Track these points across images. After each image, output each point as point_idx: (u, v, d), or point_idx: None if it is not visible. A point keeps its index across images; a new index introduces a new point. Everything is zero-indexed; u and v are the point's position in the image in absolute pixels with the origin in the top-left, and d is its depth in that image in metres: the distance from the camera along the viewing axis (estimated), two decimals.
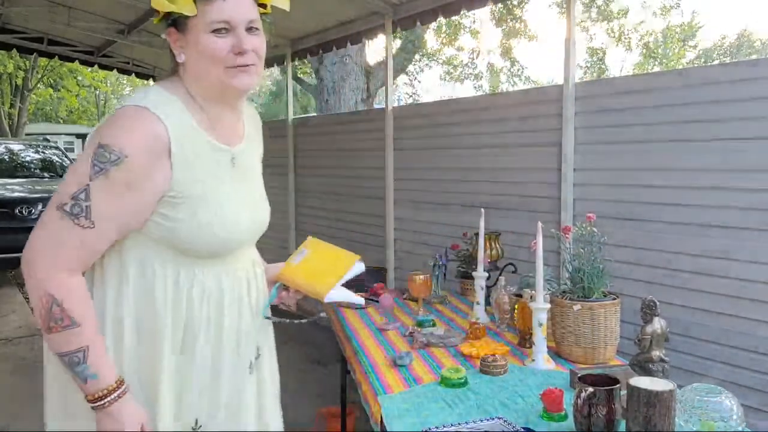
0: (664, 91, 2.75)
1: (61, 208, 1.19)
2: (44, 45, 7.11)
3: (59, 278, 1.20)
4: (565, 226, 2.04)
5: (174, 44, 1.31)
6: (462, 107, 3.93)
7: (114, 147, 1.19)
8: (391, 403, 1.64)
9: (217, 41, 1.27)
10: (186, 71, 1.31)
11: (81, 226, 1.19)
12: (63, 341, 1.20)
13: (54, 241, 1.20)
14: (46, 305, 1.19)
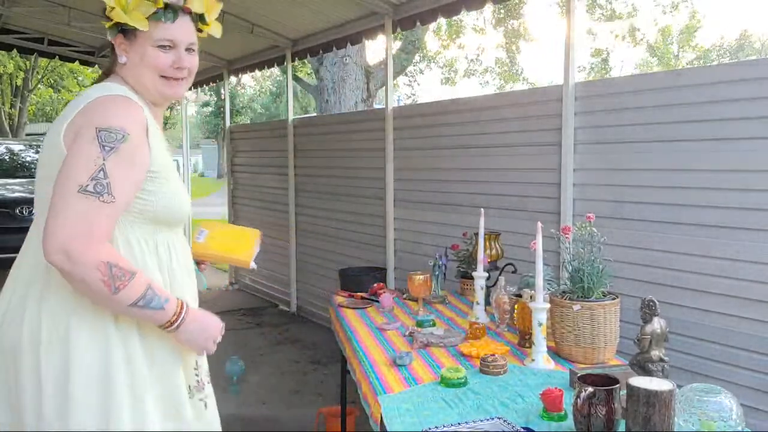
0: (663, 91, 2.75)
1: (83, 190, 1.29)
2: (44, 45, 7.12)
3: (101, 248, 1.30)
4: (564, 226, 2.04)
5: (119, 47, 1.47)
6: (462, 107, 3.93)
7: (116, 127, 1.33)
8: (391, 403, 1.64)
9: (160, 55, 1.47)
10: (127, 73, 1.48)
11: (105, 202, 1.31)
12: (132, 292, 1.32)
13: (85, 222, 1.28)
14: (106, 271, 1.29)
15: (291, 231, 5.89)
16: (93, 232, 1.29)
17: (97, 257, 1.29)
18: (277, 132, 6.13)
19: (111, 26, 1.44)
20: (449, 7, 3.93)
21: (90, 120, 1.34)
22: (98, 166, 1.30)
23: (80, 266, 1.27)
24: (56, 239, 1.27)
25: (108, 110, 1.36)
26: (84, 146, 1.32)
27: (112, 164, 1.31)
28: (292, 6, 4.87)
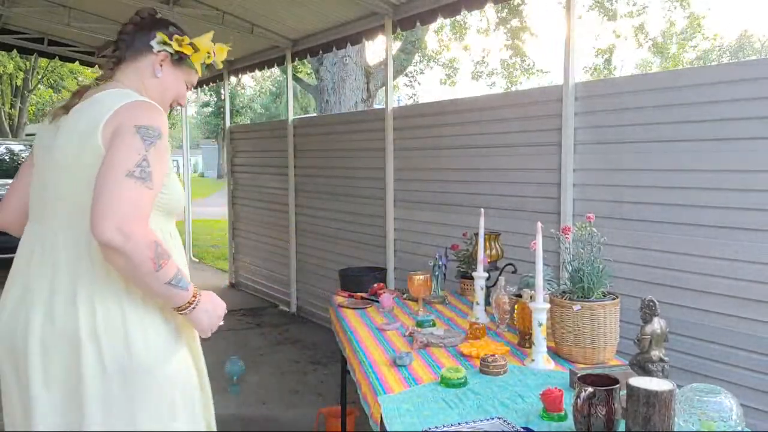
0: (663, 91, 2.75)
1: (131, 175, 1.41)
2: (44, 45, 7.12)
3: (148, 229, 1.43)
4: (564, 227, 2.04)
5: (158, 64, 1.66)
6: (462, 107, 3.93)
7: (153, 126, 1.48)
8: (391, 403, 1.64)
9: (184, 90, 1.75)
10: (141, 81, 1.65)
11: (149, 188, 1.44)
12: (170, 271, 1.44)
13: (136, 204, 1.41)
14: (154, 249, 1.41)
15: (291, 231, 5.89)
16: (143, 214, 1.42)
17: (148, 236, 1.41)
18: (277, 132, 6.13)
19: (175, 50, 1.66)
20: (449, 7, 3.93)
21: (129, 118, 1.46)
22: (142, 156, 1.43)
23: (134, 244, 1.37)
24: (112, 219, 1.36)
25: (144, 112, 1.50)
26: (127, 139, 1.44)
27: (152, 156, 1.45)
28: (292, 6, 4.87)
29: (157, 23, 1.70)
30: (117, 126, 1.46)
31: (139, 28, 1.70)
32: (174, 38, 1.66)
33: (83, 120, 1.50)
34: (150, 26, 1.69)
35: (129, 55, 1.66)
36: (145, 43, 1.66)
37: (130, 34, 1.70)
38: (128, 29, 1.71)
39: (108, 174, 1.40)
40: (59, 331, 1.45)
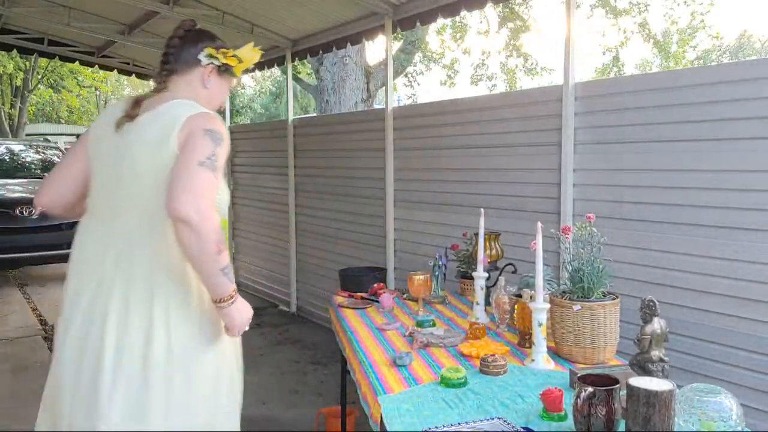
0: (663, 91, 2.75)
1: (203, 164, 1.57)
2: (44, 45, 7.11)
3: (215, 213, 1.57)
4: (564, 227, 2.04)
5: (207, 76, 1.83)
6: (462, 107, 3.93)
7: (218, 130, 1.66)
8: (391, 403, 1.64)
9: (226, 96, 1.98)
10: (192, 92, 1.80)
11: (216, 177, 1.60)
12: (225, 259, 1.57)
13: (207, 189, 1.56)
14: (219, 234, 1.54)
15: (291, 231, 5.89)
16: (212, 198, 1.58)
17: (216, 220, 1.55)
18: (277, 132, 6.12)
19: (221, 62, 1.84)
20: (449, 7, 3.93)
21: (199, 125, 1.64)
22: (212, 150, 1.61)
23: (206, 222, 1.51)
24: (189, 198, 1.51)
25: (210, 120, 1.68)
26: (199, 138, 1.62)
27: (218, 153, 1.63)
28: (292, 6, 4.87)
29: (202, 36, 1.84)
30: (188, 132, 1.63)
31: (184, 41, 1.82)
32: (220, 51, 1.83)
33: (154, 130, 1.66)
34: (195, 39, 1.83)
35: (179, 68, 1.80)
36: (194, 56, 1.80)
37: (177, 48, 1.81)
38: (175, 43, 1.82)
39: (184, 163, 1.57)
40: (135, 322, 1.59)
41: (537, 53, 28.88)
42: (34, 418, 1.74)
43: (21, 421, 3.61)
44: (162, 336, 1.60)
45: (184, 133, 1.63)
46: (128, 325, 1.59)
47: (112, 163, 1.70)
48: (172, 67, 1.79)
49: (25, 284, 7.50)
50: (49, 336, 5.31)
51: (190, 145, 1.60)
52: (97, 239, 1.70)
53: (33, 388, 4.13)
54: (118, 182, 1.69)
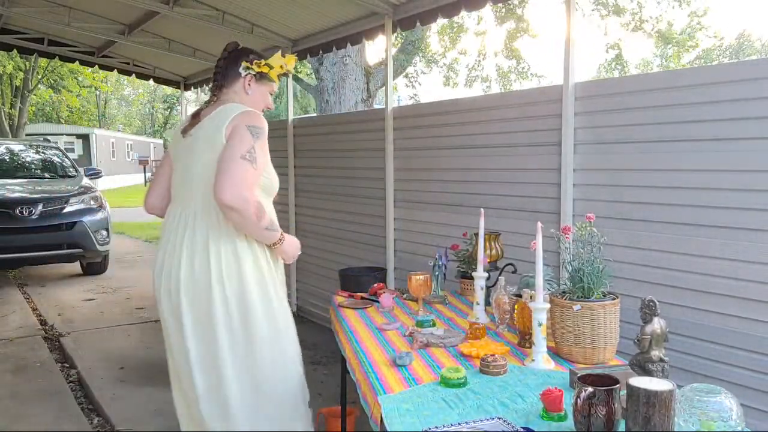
0: (663, 91, 2.75)
1: (244, 157, 2.02)
2: (44, 45, 7.11)
3: (254, 194, 2.07)
4: (564, 226, 2.04)
5: (248, 84, 2.28)
6: (462, 107, 3.93)
7: (258, 126, 2.12)
8: (391, 403, 1.64)
9: (269, 98, 2.37)
10: (240, 99, 2.25)
11: (254, 168, 2.06)
12: (266, 221, 2.11)
13: (247, 177, 2.03)
14: (257, 207, 2.06)
15: (291, 231, 5.89)
16: (250, 184, 2.04)
17: (254, 198, 2.05)
18: (277, 132, 6.12)
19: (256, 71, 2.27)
20: (449, 7, 3.92)
21: (242, 121, 2.10)
22: (251, 145, 2.05)
23: (248, 204, 2.01)
24: (230, 188, 1.98)
25: (252, 117, 2.14)
26: (240, 132, 2.06)
27: (257, 146, 2.08)
28: (292, 6, 4.87)
29: (241, 54, 2.29)
30: (234, 126, 2.08)
31: (228, 60, 2.28)
32: (254, 63, 2.26)
33: (210, 128, 2.12)
34: (236, 57, 2.28)
35: (226, 82, 2.27)
36: (235, 71, 2.26)
37: (223, 66, 2.28)
38: (221, 63, 2.29)
39: (227, 157, 2.01)
40: (197, 275, 2.11)
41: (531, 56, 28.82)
42: (34, 418, 1.75)
43: (21, 421, 3.61)
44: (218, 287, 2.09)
45: (230, 126, 2.07)
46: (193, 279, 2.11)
47: (184, 160, 2.20)
48: (221, 83, 2.26)
49: (25, 284, 7.51)
50: (49, 336, 5.31)
51: (233, 139, 2.04)
52: (174, 220, 2.20)
53: (33, 388, 4.14)
54: (186, 174, 2.19)
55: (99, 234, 7.39)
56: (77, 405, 3.87)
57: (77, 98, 22.96)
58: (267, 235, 2.15)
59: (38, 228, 6.92)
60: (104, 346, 4.97)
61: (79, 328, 5.52)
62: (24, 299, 6.72)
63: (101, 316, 5.92)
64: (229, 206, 1.98)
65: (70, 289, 7.22)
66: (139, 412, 3.69)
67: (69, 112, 25.25)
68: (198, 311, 2.12)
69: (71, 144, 28.73)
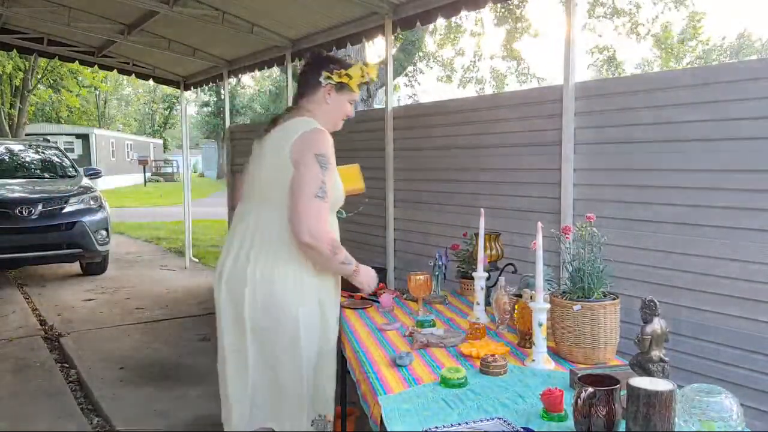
0: (663, 91, 2.75)
1: (316, 195, 2.09)
2: (44, 45, 7.11)
3: (328, 229, 2.15)
4: (564, 226, 2.04)
5: (327, 93, 2.31)
6: (462, 107, 3.93)
7: (326, 154, 2.15)
8: (391, 403, 1.64)
9: (349, 107, 2.42)
10: (316, 109, 2.31)
11: (326, 202, 2.13)
12: (341, 256, 2.19)
13: (320, 216, 2.10)
14: (331, 243, 2.15)
15: None
16: (325, 220, 2.13)
17: (328, 236, 2.14)
18: None
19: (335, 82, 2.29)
20: (449, 7, 3.92)
21: (310, 147, 2.13)
22: (321, 180, 2.11)
23: (321, 242, 2.10)
24: (306, 228, 2.07)
25: (319, 141, 2.15)
26: (310, 165, 2.10)
27: (326, 178, 2.13)
28: (292, 6, 4.87)
29: (322, 62, 2.32)
30: (302, 148, 2.12)
31: (310, 68, 2.32)
32: (334, 72, 2.28)
33: (280, 140, 2.18)
34: (317, 65, 2.30)
35: (307, 91, 2.31)
36: (316, 79, 2.28)
37: (305, 74, 2.33)
38: (304, 70, 2.35)
39: (301, 196, 2.09)
40: (237, 271, 2.18)
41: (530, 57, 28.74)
42: (34, 418, 1.75)
43: (21, 421, 3.61)
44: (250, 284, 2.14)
45: (298, 145, 2.12)
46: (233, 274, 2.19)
47: (254, 164, 2.29)
48: (302, 91, 2.32)
49: (25, 284, 7.50)
50: (49, 336, 5.31)
51: (303, 173, 2.10)
52: (240, 217, 2.29)
53: (33, 388, 4.14)
54: (253, 177, 2.28)
55: (99, 234, 7.39)
56: (77, 405, 3.87)
57: (77, 98, 22.94)
58: (342, 269, 2.25)
59: (38, 228, 6.91)
60: (104, 346, 4.97)
61: (79, 328, 5.52)
62: (24, 299, 6.72)
63: (101, 316, 5.92)
64: (306, 244, 2.10)
65: (70, 289, 7.22)
66: (139, 412, 3.69)
67: (69, 112, 25.24)
68: (234, 306, 2.20)
69: (71, 144, 28.72)
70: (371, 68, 2.36)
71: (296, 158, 2.11)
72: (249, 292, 2.14)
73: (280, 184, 2.13)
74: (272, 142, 2.21)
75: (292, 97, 2.39)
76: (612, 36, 16.73)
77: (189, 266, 8.47)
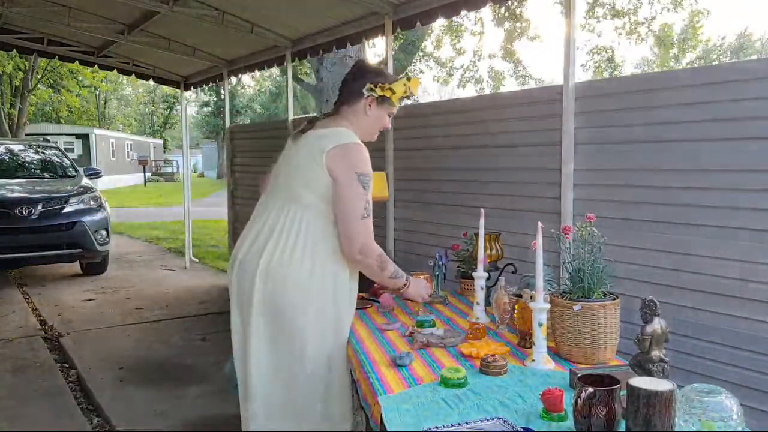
0: (663, 91, 2.75)
1: (363, 216, 2.18)
2: (44, 45, 7.11)
3: (375, 246, 2.23)
4: (565, 226, 2.03)
5: (369, 105, 2.32)
6: (462, 107, 3.93)
7: (366, 172, 2.20)
8: (391, 403, 1.64)
9: (387, 119, 2.41)
10: (354, 119, 2.33)
11: (371, 218, 2.21)
12: (391, 269, 2.29)
13: (368, 234, 2.20)
14: (382, 257, 2.25)
15: None
16: (371, 236, 2.21)
17: (376, 252, 2.23)
18: (277, 132, 6.12)
19: (377, 95, 2.31)
20: (449, 7, 3.92)
21: (351, 165, 2.18)
22: (365, 200, 2.18)
23: (369, 258, 2.22)
24: (357, 245, 2.18)
25: (359, 158, 2.20)
26: (354, 185, 2.17)
27: (369, 197, 2.21)
28: (292, 6, 4.87)
29: (366, 73, 2.34)
30: (342, 165, 2.17)
31: (354, 77, 2.34)
32: (378, 86, 2.30)
33: (316, 146, 2.22)
34: (361, 75, 2.32)
35: (348, 99, 2.33)
36: (359, 89, 2.30)
37: (348, 82, 2.35)
38: (347, 78, 2.37)
39: (350, 218, 2.17)
40: (250, 259, 2.24)
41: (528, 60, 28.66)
42: (34, 418, 1.75)
43: (21, 421, 3.61)
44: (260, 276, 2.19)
45: (336, 157, 2.17)
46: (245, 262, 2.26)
47: (285, 162, 2.37)
48: (343, 99, 2.34)
49: (25, 284, 7.50)
50: (49, 336, 5.31)
51: (347, 194, 2.16)
52: (264, 207, 2.37)
53: (33, 388, 4.14)
54: (281, 173, 2.36)
55: (98, 234, 7.39)
56: (77, 405, 3.87)
57: (77, 98, 22.94)
58: (391, 283, 2.34)
59: (38, 228, 6.91)
60: (104, 346, 4.97)
61: (79, 329, 5.52)
62: (24, 299, 6.72)
63: (101, 316, 5.92)
64: (356, 261, 2.24)
65: (70, 289, 7.22)
66: (138, 412, 3.69)
67: (69, 112, 25.25)
68: (241, 292, 2.27)
69: (71, 144, 28.72)
70: (414, 83, 2.39)
71: (336, 172, 2.17)
72: (259, 281, 2.19)
73: (312, 187, 2.20)
74: (307, 145, 2.26)
75: (333, 102, 2.41)
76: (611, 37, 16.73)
77: (189, 266, 8.47)
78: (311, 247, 2.20)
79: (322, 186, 2.19)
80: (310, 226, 2.21)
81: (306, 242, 2.20)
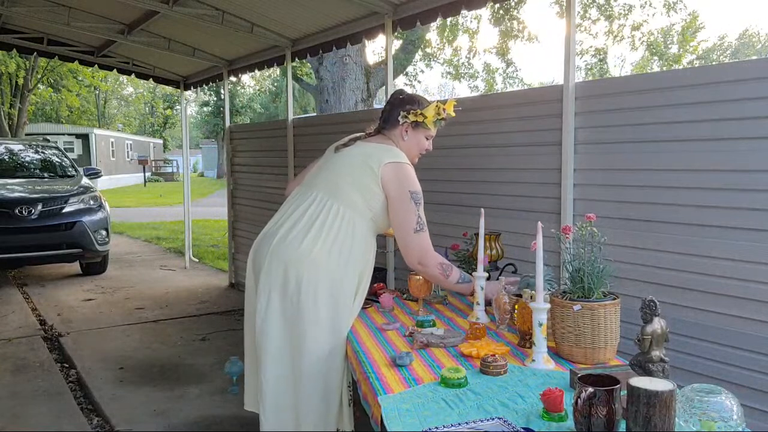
0: (663, 91, 2.75)
1: (417, 230, 2.36)
2: (44, 45, 7.11)
3: (434, 255, 2.41)
4: (565, 226, 2.03)
5: (405, 130, 2.54)
6: (462, 107, 3.92)
7: (417, 190, 2.39)
8: (391, 403, 1.64)
9: (425, 142, 2.63)
10: (397, 141, 2.54)
11: (425, 232, 2.39)
12: (455, 276, 2.44)
13: (424, 245, 2.38)
14: (443, 265, 2.42)
15: None
16: (429, 249, 2.39)
17: (435, 261, 2.40)
18: (277, 132, 6.12)
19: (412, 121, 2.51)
20: (449, 7, 3.92)
21: (404, 183, 2.38)
22: (417, 215, 2.37)
23: (429, 268, 2.40)
24: (415, 257, 2.38)
25: (411, 179, 2.40)
26: (407, 203, 2.36)
27: (420, 212, 2.38)
28: (292, 6, 4.87)
29: (402, 103, 2.54)
30: (396, 182, 2.37)
31: (391, 107, 2.55)
32: (411, 113, 2.50)
33: (372, 154, 2.41)
34: (399, 105, 2.53)
35: (387, 126, 2.54)
36: (395, 117, 2.51)
37: (387, 111, 2.56)
38: (387, 108, 2.58)
39: (407, 233, 2.37)
40: (284, 247, 2.32)
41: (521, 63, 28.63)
42: (34, 418, 1.75)
43: (21, 421, 3.61)
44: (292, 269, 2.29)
45: (391, 173, 2.36)
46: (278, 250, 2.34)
47: (325, 166, 2.55)
48: (383, 125, 2.55)
49: (25, 284, 7.50)
50: (49, 336, 5.31)
51: (403, 212, 2.36)
52: (295, 201, 2.49)
53: (33, 388, 4.14)
54: (323, 172, 2.52)
55: (98, 234, 7.39)
56: (77, 405, 3.87)
57: (77, 98, 22.94)
58: (461, 288, 2.48)
59: (38, 228, 6.91)
60: (104, 346, 4.97)
61: (79, 328, 5.52)
62: (23, 299, 6.72)
63: (101, 316, 5.92)
64: (418, 271, 2.45)
65: (70, 289, 7.22)
66: (138, 413, 3.69)
67: (69, 112, 25.25)
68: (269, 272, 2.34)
69: (71, 144, 28.73)
70: (449, 106, 2.55)
71: (389, 188, 2.36)
72: (293, 267, 2.28)
73: (361, 190, 2.37)
74: (364, 153, 2.44)
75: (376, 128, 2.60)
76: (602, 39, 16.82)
77: (189, 266, 8.47)
78: (349, 244, 2.34)
79: (370, 192, 2.36)
80: (351, 224, 2.35)
81: (345, 239, 2.33)
